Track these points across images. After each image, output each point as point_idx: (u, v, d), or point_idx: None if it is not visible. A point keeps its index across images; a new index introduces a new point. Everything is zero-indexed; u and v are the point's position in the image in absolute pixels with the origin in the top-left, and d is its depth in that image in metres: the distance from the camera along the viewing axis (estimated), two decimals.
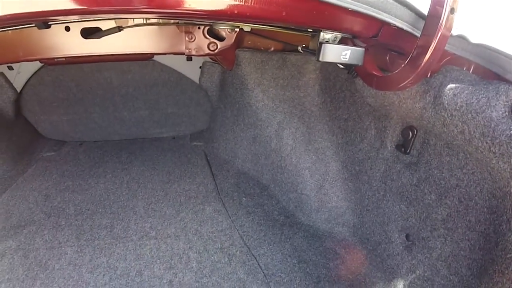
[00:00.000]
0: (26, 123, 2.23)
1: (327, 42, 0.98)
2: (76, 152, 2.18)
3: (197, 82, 2.13)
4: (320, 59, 0.92)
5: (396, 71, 0.90)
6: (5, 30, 1.50)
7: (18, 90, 2.13)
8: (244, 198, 1.59)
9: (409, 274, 1.17)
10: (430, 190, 1.08)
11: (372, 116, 1.34)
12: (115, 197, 1.70)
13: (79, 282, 1.25)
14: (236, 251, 1.30)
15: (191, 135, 2.33)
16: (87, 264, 1.32)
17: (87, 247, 1.40)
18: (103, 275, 1.26)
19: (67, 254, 1.38)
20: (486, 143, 0.80)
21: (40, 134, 2.27)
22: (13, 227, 1.55)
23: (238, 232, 1.39)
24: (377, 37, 0.94)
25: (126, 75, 2.14)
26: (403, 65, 0.87)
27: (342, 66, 1.27)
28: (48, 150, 2.18)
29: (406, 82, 0.88)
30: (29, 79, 2.13)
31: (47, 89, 2.14)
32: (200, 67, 2.08)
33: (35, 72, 2.10)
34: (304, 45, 1.22)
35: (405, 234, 1.21)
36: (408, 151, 1.17)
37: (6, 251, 1.42)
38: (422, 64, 0.86)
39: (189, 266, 1.24)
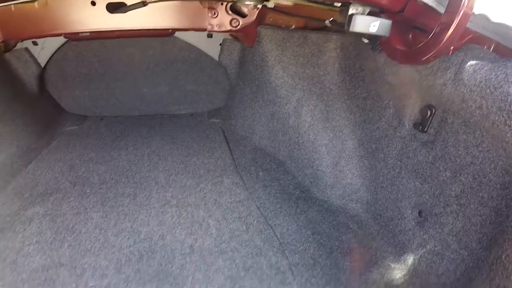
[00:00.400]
0: (50, 98, 2.30)
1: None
2: (98, 126, 2.26)
3: (217, 59, 2.16)
4: (351, 29, 0.96)
5: (420, 45, 0.92)
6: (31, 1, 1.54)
7: (42, 65, 2.20)
8: (261, 172, 1.64)
9: (420, 248, 1.21)
10: (445, 167, 1.11)
11: (391, 95, 1.35)
12: (137, 168, 1.78)
13: (105, 245, 1.32)
14: (253, 220, 1.36)
15: (209, 113, 2.38)
16: (112, 228, 1.39)
17: (111, 213, 1.48)
18: (128, 238, 1.33)
19: (93, 219, 1.46)
20: (503, 116, 0.83)
21: (62, 109, 2.35)
22: (40, 195, 1.64)
23: (255, 204, 1.45)
24: (403, 12, 0.96)
25: (147, 52, 2.19)
26: (426, 40, 0.90)
27: (367, 41, 1.29)
28: (71, 124, 2.26)
29: (429, 55, 0.90)
30: (53, 54, 2.19)
31: (70, 65, 2.20)
32: (220, 44, 2.11)
33: (59, 48, 2.16)
34: (332, 18, 1.25)
35: (417, 211, 1.24)
36: (425, 129, 1.19)
37: (34, 216, 1.50)
38: (445, 40, 0.89)
39: (208, 233, 1.31)
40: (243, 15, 1.69)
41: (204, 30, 1.71)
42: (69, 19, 1.69)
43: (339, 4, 1.16)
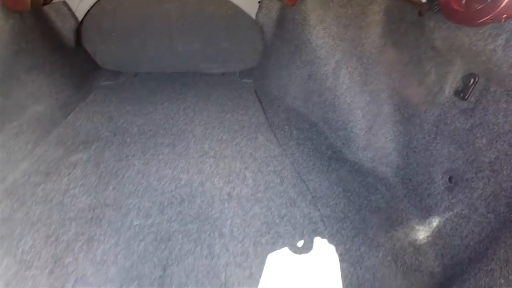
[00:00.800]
0: (85, 52, 2.36)
1: None
2: (132, 82, 2.32)
3: (254, 17, 2.15)
4: None
5: (480, 7, 0.92)
6: None
7: (80, 19, 2.23)
8: (294, 131, 1.69)
9: (446, 212, 1.26)
10: (482, 134, 1.13)
11: (434, 62, 1.35)
12: (174, 122, 1.85)
13: (148, 189, 1.42)
14: (287, 174, 1.42)
15: (241, 73, 2.40)
16: (154, 174, 1.49)
17: (152, 160, 1.57)
18: (169, 183, 1.43)
19: (134, 165, 1.55)
20: None
21: (97, 64, 2.40)
22: (82, 143, 1.73)
23: (289, 159, 1.51)
24: None
25: (185, 8, 2.19)
26: (486, 2, 0.90)
27: (425, 0, 1.28)
28: (106, 79, 2.32)
29: (487, 18, 0.90)
30: (90, 8, 2.21)
31: (107, 19, 2.23)
32: (258, 2, 2.09)
33: (97, 1, 2.18)
34: None
35: (448, 176, 1.28)
36: (466, 97, 1.20)
37: (78, 162, 1.60)
38: (503, 4, 0.89)
39: (245, 183, 1.39)
40: None
41: None
42: None
43: None
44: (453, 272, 1.16)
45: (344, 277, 1.13)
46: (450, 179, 1.27)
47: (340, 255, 1.18)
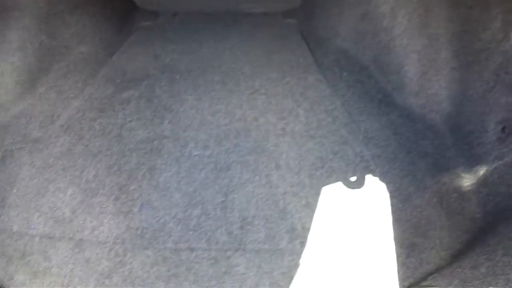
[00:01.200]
0: None
1: None
2: (171, 22, 2.27)
3: None
4: None
5: None
6: None
7: None
8: (344, 73, 1.67)
9: (495, 161, 1.27)
10: None
11: (502, 8, 1.29)
12: (221, 60, 1.84)
13: (203, 122, 1.46)
14: (339, 114, 1.44)
15: (283, 13, 2.32)
16: (207, 109, 1.51)
17: (204, 96, 1.59)
18: (224, 118, 1.46)
19: (187, 101, 1.58)
20: None
21: (136, 5, 2.34)
22: (131, 80, 1.74)
23: (340, 100, 1.51)
24: None
25: None
26: None
27: None
28: (145, 20, 2.27)
29: None
30: None
31: None
32: None
33: None
34: None
35: (502, 126, 1.27)
36: None
37: (131, 97, 1.63)
38: None
39: (298, 120, 1.41)
40: None
41: None
42: None
43: None
44: (495, 218, 1.21)
45: (394, 212, 1.19)
46: (503, 129, 1.26)
47: (390, 192, 1.23)
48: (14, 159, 1.45)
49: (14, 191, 1.30)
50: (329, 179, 1.20)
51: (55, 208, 1.21)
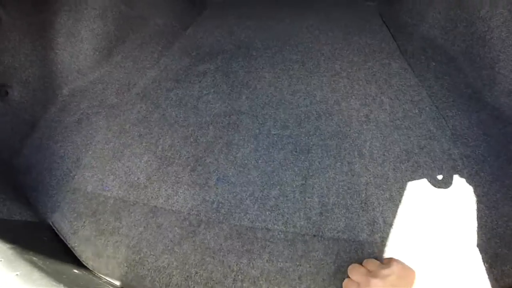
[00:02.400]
0: None
1: None
2: None
3: None
4: None
5: None
6: None
7: None
8: (433, 63, 1.56)
9: None
10: None
11: None
12: (298, 39, 1.78)
13: (282, 101, 1.42)
14: (425, 106, 1.35)
15: None
16: (286, 88, 1.47)
17: (283, 75, 1.54)
18: (304, 98, 1.42)
19: (265, 78, 1.54)
20: None
21: None
22: (207, 54, 1.73)
23: (426, 92, 1.42)
24: None
25: None
26: None
27: None
28: None
29: None
30: None
31: None
32: None
33: None
34: None
35: None
36: None
37: (207, 71, 1.61)
38: None
39: (382, 107, 1.35)
40: None
41: None
42: None
43: None
44: None
45: (479, 218, 1.11)
46: None
47: (477, 196, 1.15)
48: (90, 122, 1.49)
49: (90, 153, 1.34)
50: (414, 174, 1.14)
51: (130, 173, 1.24)
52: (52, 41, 1.63)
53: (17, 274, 0.80)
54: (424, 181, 1.13)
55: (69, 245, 1.09)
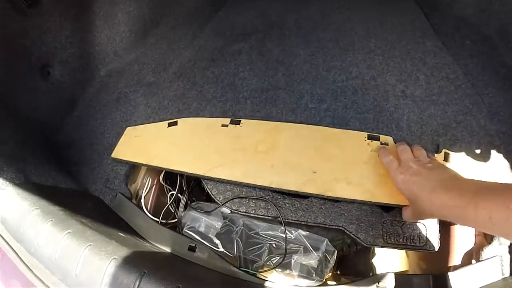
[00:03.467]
0: None
1: None
2: None
3: None
4: None
5: None
6: None
7: None
8: (468, 42, 1.56)
9: None
10: None
11: None
12: (330, 18, 1.79)
13: (318, 77, 1.44)
14: (461, 84, 1.36)
15: None
16: (321, 65, 1.49)
17: (318, 52, 1.56)
18: (339, 74, 1.43)
19: (300, 55, 1.56)
20: None
21: None
22: (241, 34, 1.75)
23: (461, 70, 1.42)
24: None
25: None
26: None
27: None
28: None
29: None
30: None
31: None
32: None
33: None
34: None
35: None
36: None
37: (241, 49, 1.63)
38: None
39: (418, 84, 1.36)
40: None
41: None
42: None
43: None
44: None
45: None
46: None
47: None
48: (128, 100, 1.54)
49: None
50: (452, 147, 1.16)
51: None
52: (90, 24, 1.68)
53: (69, 232, 0.85)
54: (462, 154, 1.15)
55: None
